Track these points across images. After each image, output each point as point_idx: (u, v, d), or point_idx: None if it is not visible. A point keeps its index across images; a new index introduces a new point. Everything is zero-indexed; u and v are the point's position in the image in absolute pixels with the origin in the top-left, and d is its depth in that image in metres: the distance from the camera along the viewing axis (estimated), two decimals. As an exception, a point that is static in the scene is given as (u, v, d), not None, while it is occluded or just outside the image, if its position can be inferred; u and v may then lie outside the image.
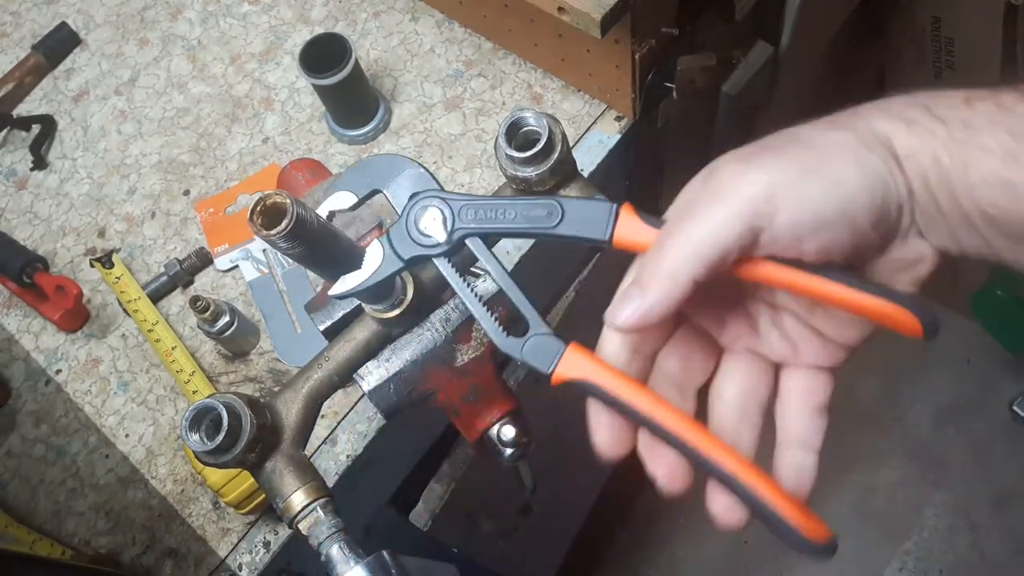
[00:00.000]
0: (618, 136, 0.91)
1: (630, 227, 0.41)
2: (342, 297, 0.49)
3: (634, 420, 0.41)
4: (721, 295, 0.41)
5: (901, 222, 0.39)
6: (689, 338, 0.44)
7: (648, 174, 1.03)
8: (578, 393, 0.42)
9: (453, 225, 0.45)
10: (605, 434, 0.41)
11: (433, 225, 0.45)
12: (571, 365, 0.41)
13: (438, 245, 0.45)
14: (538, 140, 0.49)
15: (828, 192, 0.37)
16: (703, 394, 0.44)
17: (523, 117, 0.50)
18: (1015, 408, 1.77)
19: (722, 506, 0.40)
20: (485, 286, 0.59)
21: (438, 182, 0.49)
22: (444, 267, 0.46)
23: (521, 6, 0.85)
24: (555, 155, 0.50)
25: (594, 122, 0.93)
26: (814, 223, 0.37)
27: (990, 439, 1.79)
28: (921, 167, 0.37)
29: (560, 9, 0.76)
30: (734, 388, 0.43)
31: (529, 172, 0.50)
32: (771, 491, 0.38)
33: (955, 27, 1.24)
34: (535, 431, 0.61)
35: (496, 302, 0.61)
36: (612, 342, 0.42)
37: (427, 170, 0.51)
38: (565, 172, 0.52)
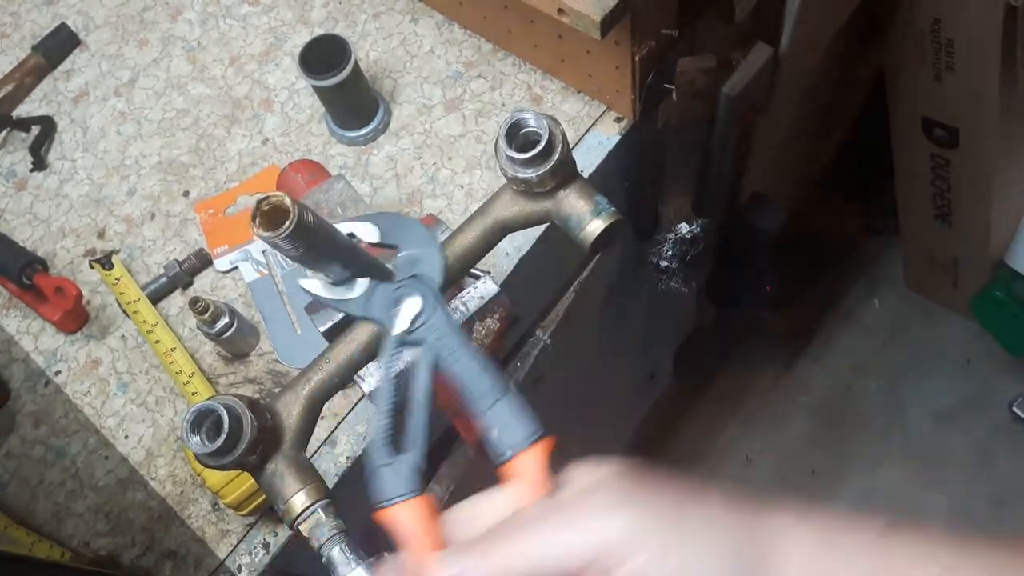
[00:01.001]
0: (618, 137, 0.91)
1: (531, 464, 0.41)
2: (308, 293, 0.51)
3: None
4: None
5: None
6: None
7: (648, 175, 1.03)
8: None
9: (417, 326, 0.46)
10: None
11: (404, 311, 0.47)
12: (401, 515, 0.41)
13: (393, 329, 0.47)
14: (538, 141, 0.49)
15: (685, 566, 0.36)
16: None
17: (523, 118, 0.50)
18: (1015, 409, 1.77)
19: None
20: (485, 287, 0.59)
21: (445, 280, 0.50)
22: (387, 346, 0.47)
23: (521, 7, 0.85)
24: (555, 156, 0.50)
25: (594, 123, 0.93)
26: None
27: (990, 439, 1.79)
28: None
29: (560, 10, 0.76)
30: None
31: (529, 173, 0.51)
32: None
33: (955, 28, 1.24)
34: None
35: (495, 303, 0.61)
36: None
37: (445, 266, 0.52)
38: (565, 173, 0.52)
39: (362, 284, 0.49)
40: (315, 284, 0.50)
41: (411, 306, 0.47)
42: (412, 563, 0.40)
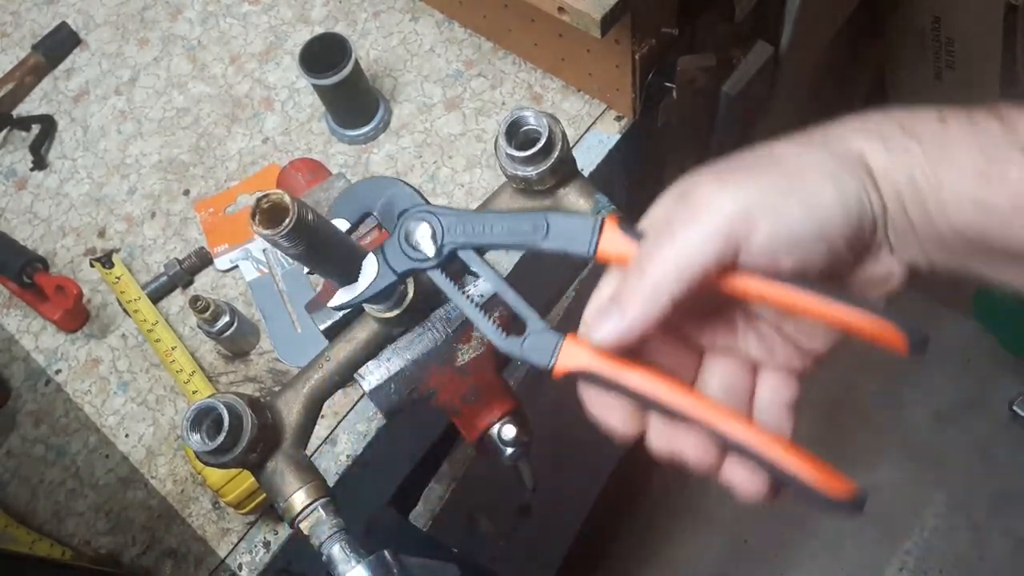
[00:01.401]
0: (618, 136, 0.91)
1: (612, 241, 0.42)
2: (341, 309, 0.51)
3: (640, 402, 0.41)
4: (700, 301, 0.42)
5: (875, 240, 0.39)
6: (673, 339, 0.44)
7: (648, 174, 1.04)
8: (581, 382, 0.42)
9: (443, 239, 0.46)
10: (617, 416, 0.42)
11: (424, 239, 0.47)
12: (571, 357, 0.42)
13: (429, 259, 0.47)
14: (538, 139, 0.49)
15: (804, 212, 0.37)
16: None
17: (523, 116, 0.50)
18: (1015, 408, 1.77)
19: (741, 477, 0.40)
20: (485, 286, 0.59)
21: (424, 198, 0.51)
22: (438, 278, 0.47)
23: (521, 6, 0.85)
24: (555, 154, 0.50)
25: (594, 122, 0.93)
26: (790, 242, 0.37)
27: (990, 439, 1.79)
28: (895, 186, 0.38)
29: (560, 9, 0.76)
30: (718, 382, 0.43)
31: (529, 171, 0.51)
32: (789, 454, 0.38)
33: (955, 27, 1.24)
34: (535, 430, 0.61)
35: (498, 301, 0.61)
36: None
37: (413, 188, 0.53)
38: (565, 171, 0.52)
39: (370, 263, 0.49)
40: (340, 297, 0.50)
41: (423, 232, 0.47)
42: (593, 344, 0.40)
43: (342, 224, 0.55)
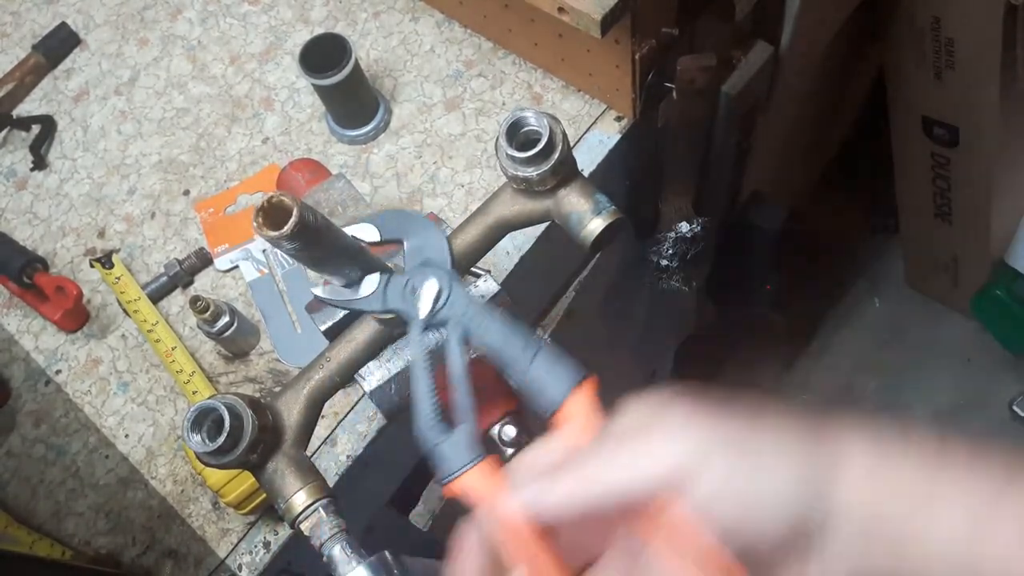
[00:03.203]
0: (618, 136, 0.91)
1: (577, 407, 0.42)
2: (322, 301, 0.52)
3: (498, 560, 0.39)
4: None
5: (797, 554, 0.37)
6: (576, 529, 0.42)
7: (648, 174, 1.04)
8: (464, 519, 0.41)
9: (441, 306, 0.47)
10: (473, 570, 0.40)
11: (425, 296, 0.48)
12: (472, 481, 0.41)
13: (418, 317, 0.48)
14: (539, 140, 0.49)
15: (755, 500, 0.36)
16: None
17: (524, 117, 0.50)
18: (1015, 408, 1.77)
19: None
20: (486, 286, 0.59)
21: (453, 259, 0.51)
22: (414, 333, 0.48)
23: (521, 6, 0.85)
24: (556, 155, 0.50)
25: (594, 122, 0.93)
26: (723, 520, 0.36)
27: (990, 439, 1.79)
28: (873, 514, 0.36)
29: (560, 9, 0.76)
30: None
31: (530, 172, 0.51)
32: None
33: (955, 27, 1.24)
34: (535, 431, 0.61)
35: (495, 302, 0.61)
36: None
37: (450, 245, 0.52)
38: (565, 172, 0.52)
39: (372, 281, 0.49)
40: (327, 290, 0.51)
41: (430, 290, 0.47)
42: (489, 517, 0.40)
43: (372, 232, 0.55)
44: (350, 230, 0.54)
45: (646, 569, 0.38)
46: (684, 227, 1.05)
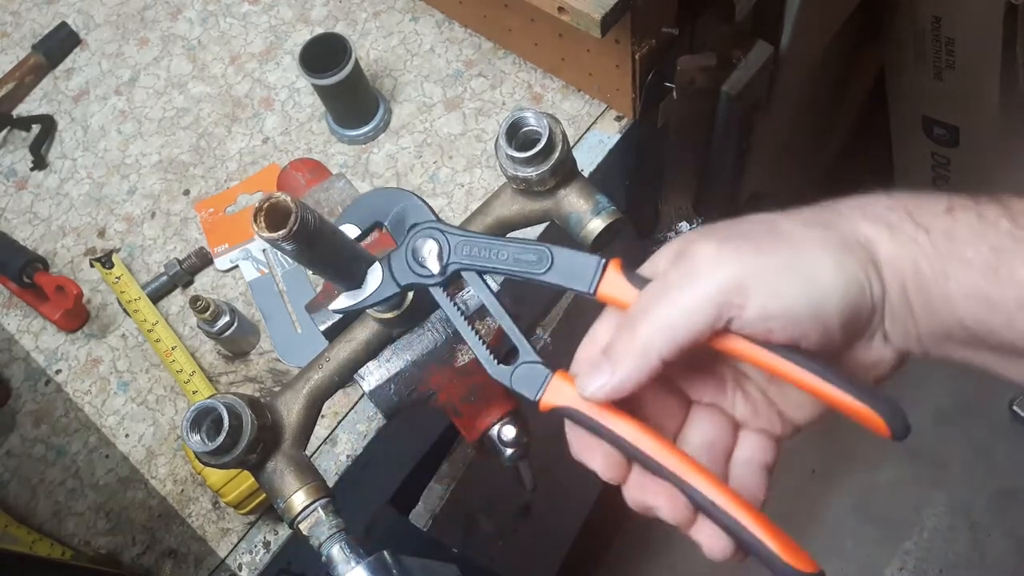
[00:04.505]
0: (618, 136, 0.91)
1: (614, 283, 0.43)
2: (341, 313, 0.52)
3: (617, 447, 0.42)
4: (692, 358, 0.42)
5: (870, 327, 0.39)
6: (662, 388, 0.45)
7: (648, 174, 1.03)
8: (567, 420, 0.43)
9: (448, 258, 0.47)
10: (599, 460, 0.42)
11: (430, 256, 0.48)
12: (558, 393, 0.43)
13: (433, 276, 0.48)
14: (538, 140, 0.49)
15: (802, 290, 0.37)
16: None
17: (523, 117, 0.50)
18: (1015, 408, 1.77)
19: (710, 536, 0.40)
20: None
21: (435, 214, 0.51)
22: (439, 296, 0.48)
23: (521, 6, 0.85)
24: (555, 155, 0.50)
25: (594, 122, 0.93)
26: (783, 318, 0.37)
27: (990, 439, 1.79)
28: (900, 275, 0.38)
29: (560, 9, 0.76)
30: (700, 437, 0.44)
31: (529, 172, 0.51)
32: (758, 523, 0.38)
33: (955, 27, 1.24)
34: (535, 431, 0.61)
35: (496, 299, 0.61)
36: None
37: (424, 202, 0.52)
38: (565, 172, 0.52)
39: (376, 271, 0.49)
40: (341, 300, 0.51)
41: (430, 249, 0.47)
42: (583, 397, 0.41)
43: (352, 230, 0.55)
44: None
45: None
46: (684, 227, 1.05)
